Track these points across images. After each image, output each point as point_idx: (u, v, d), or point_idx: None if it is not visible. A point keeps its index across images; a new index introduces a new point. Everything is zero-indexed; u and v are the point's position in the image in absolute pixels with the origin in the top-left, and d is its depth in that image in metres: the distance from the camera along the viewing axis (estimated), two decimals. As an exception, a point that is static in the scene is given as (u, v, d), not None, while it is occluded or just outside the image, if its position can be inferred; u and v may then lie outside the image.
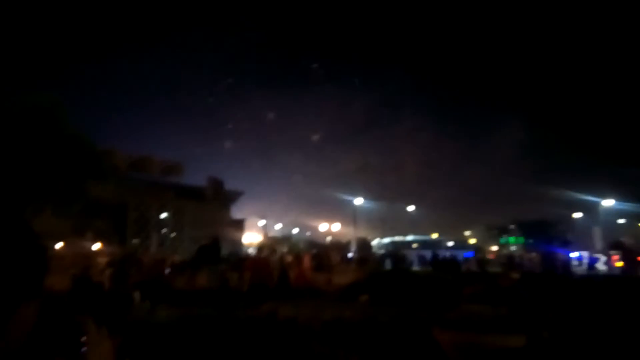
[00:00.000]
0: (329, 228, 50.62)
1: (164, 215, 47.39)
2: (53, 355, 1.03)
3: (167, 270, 15.05)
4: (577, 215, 41.11)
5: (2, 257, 0.86)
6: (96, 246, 34.81)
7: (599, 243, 36.14)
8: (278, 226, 53.53)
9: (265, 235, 47.38)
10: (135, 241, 44.67)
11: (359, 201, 42.42)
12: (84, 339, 1.08)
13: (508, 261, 25.98)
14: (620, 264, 22.25)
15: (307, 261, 12.51)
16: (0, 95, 17.45)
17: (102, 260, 19.24)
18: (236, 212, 52.39)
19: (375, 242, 46.06)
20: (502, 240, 42.73)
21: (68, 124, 17.50)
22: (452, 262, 22.42)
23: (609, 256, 26.68)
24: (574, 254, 28.56)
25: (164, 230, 47.38)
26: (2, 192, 15.58)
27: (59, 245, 27.02)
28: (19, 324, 0.88)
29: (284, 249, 34.86)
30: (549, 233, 34.97)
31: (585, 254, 30.02)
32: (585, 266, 26.31)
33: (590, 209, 38.90)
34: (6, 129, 16.04)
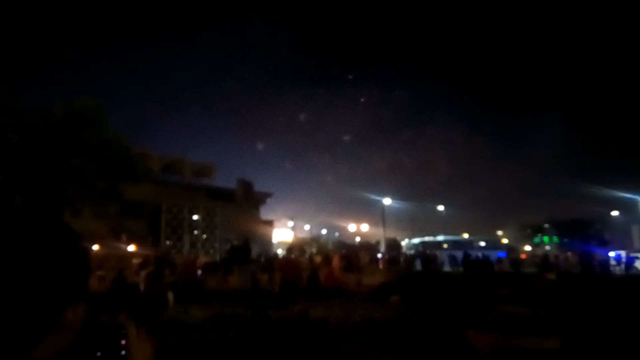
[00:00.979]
0: (358, 228, 50.44)
1: (196, 216, 48.21)
2: (95, 357, 1.03)
3: (199, 271, 15.31)
4: (615, 213, 39.72)
5: (48, 260, 0.88)
6: (131, 248, 35.69)
7: (637, 242, 34.82)
8: (307, 227, 53.69)
9: (295, 236, 47.63)
10: (168, 242, 45.62)
11: (388, 201, 42.15)
12: (124, 341, 1.09)
13: (543, 261, 25.28)
14: None
15: (336, 262, 12.51)
16: (45, 99, 18.24)
17: (137, 261, 19.75)
18: (266, 213, 52.86)
19: (404, 243, 45.63)
20: (536, 239, 41.52)
21: (107, 127, 18.11)
22: (484, 263, 21.97)
23: None
24: (611, 254, 27.54)
25: (196, 232, 48.20)
26: (45, 194, 16.23)
27: (96, 246, 27.85)
28: (67, 327, 0.89)
29: (313, 249, 34.94)
30: (585, 232, 33.81)
31: (623, 253, 28.93)
32: (623, 266, 25.33)
33: (628, 207, 37.51)
34: (51, 132, 16.71)
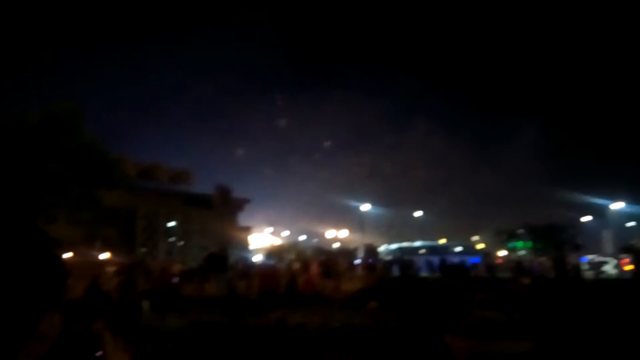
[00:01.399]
0: (336, 235, 50.53)
1: (172, 223, 47.54)
2: None
3: (175, 279, 15.08)
4: (587, 218, 40.78)
5: (24, 267, 0.86)
6: (105, 255, 34.95)
7: (609, 246, 35.76)
8: (285, 233, 53.49)
9: (273, 242, 47.39)
10: (143, 249, 44.83)
11: (366, 207, 42.37)
12: (101, 351, 1.07)
13: (517, 266, 25.72)
14: (630, 267, 21.96)
15: (314, 268, 12.51)
16: (21, 104, 17.76)
17: (111, 269, 19.34)
18: (243, 220, 52.44)
19: (382, 248, 45.88)
20: (511, 245, 42.24)
21: (84, 132, 17.72)
22: (461, 268, 22.24)
23: (619, 260, 26.35)
24: (584, 258, 28.21)
25: (172, 238, 47.51)
26: (20, 200, 15.77)
27: (69, 253, 27.18)
28: (43, 337, 0.87)
29: (292, 256, 34.81)
30: (558, 237, 34.58)
31: (595, 257, 29.67)
32: (594, 270, 25.96)
33: (599, 212, 38.58)
34: (26, 136, 16.26)
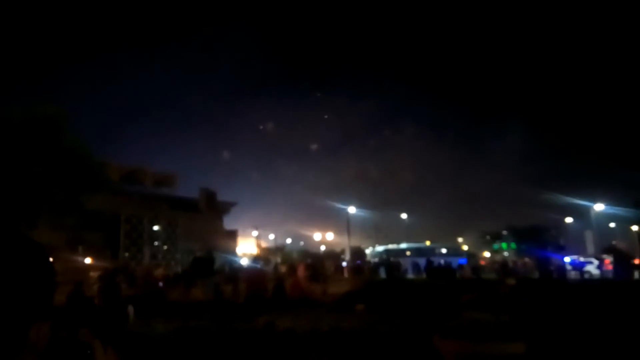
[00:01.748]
0: (323, 237, 50.51)
1: (156, 227, 47.02)
2: None
3: (160, 283, 14.91)
4: (569, 219, 41.41)
5: (13, 275, 0.83)
6: (88, 260, 34.41)
7: (591, 247, 36.32)
8: (271, 236, 53.30)
9: (259, 246, 47.21)
10: (127, 254, 44.25)
11: (352, 210, 42.43)
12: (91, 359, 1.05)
13: (502, 267, 26.01)
14: (611, 267, 22.35)
15: (301, 271, 12.44)
16: (2, 106, 17.34)
17: (95, 274, 19.04)
18: (229, 223, 52.06)
19: (369, 251, 45.99)
20: (495, 246, 42.76)
21: (68, 135, 17.39)
22: (447, 270, 22.41)
23: (601, 260, 26.81)
24: (567, 259, 28.64)
25: (157, 243, 46.99)
26: (4, 205, 15.40)
27: (51, 259, 26.60)
28: (33, 346, 0.85)
29: (278, 259, 34.69)
30: (541, 238, 35.05)
31: (578, 258, 30.13)
32: (578, 271, 26.39)
33: (581, 213, 39.19)
34: (7, 139, 15.88)
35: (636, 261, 20.07)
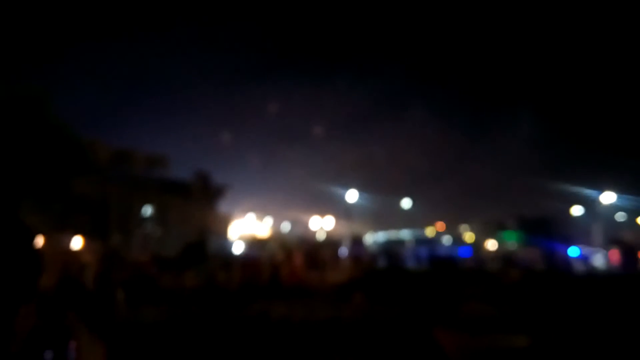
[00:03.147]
0: (321, 223, 50.22)
1: (147, 210, 46.62)
2: (44, 358, 1.02)
3: (152, 269, 14.68)
4: (577, 210, 41.09)
5: (4, 259, 0.86)
6: (77, 244, 34.05)
7: (598, 238, 36.12)
8: (268, 221, 53.05)
9: (255, 232, 47.01)
10: (117, 238, 43.91)
11: (353, 196, 41.89)
12: (74, 343, 1.08)
13: (507, 258, 25.74)
14: (617, 259, 22.23)
15: (298, 258, 12.28)
16: None
17: (84, 258, 18.76)
18: (223, 207, 51.67)
19: (369, 238, 45.82)
20: (500, 236, 42.59)
21: (54, 115, 16.87)
22: (450, 260, 22.28)
23: (607, 252, 26.67)
24: (573, 250, 28.34)
25: (148, 227, 46.65)
26: None
27: (39, 242, 26.25)
28: (20, 326, 0.88)
29: (274, 245, 34.50)
30: (547, 228, 34.85)
31: (585, 250, 29.97)
32: (584, 263, 26.11)
33: (589, 204, 38.89)
34: None
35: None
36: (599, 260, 26.85)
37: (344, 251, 32.32)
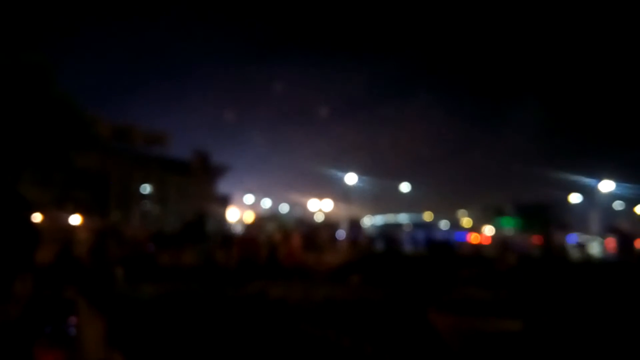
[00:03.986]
0: (320, 205, 50.32)
1: (147, 188, 46.66)
2: (44, 332, 1.04)
3: (150, 246, 14.74)
4: (575, 197, 41.16)
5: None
6: (76, 219, 34.13)
7: (595, 226, 36.25)
8: (266, 202, 53.16)
9: (253, 212, 47.10)
10: (117, 214, 44.04)
11: (352, 179, 41.93)
12: (75, 317, 1.09)
13: (503, 244, 25.89)
14: (614, 247, 22.34)
15: (296, 239, 12.32)
16: None
17: (83, 234, 18.84)
18: (223, 187, 51.72)
19: (367, 221, 45.96)
20: (498, 221, 42.71)
21: (56, 86, 16.55)
22: (446, 244, 22.43)
23: (604, 240, 26.84)
24: (570, 237, 28.56)
25: (147, 204, 46.75)
26: None
27: (38, 216, 26.28)
28: (16, 298, 0.89)
29: (273, 226, 34.59)
30: (545, 215, 34.96)
31: (580, 236, 30.14)
32: (580, 249, 26.30)
33: (587, 191, 38.94)
34: None
35: (639, 242, 20.08)
36: (595, 248, 27.03)
37: (341, 234, 32.49)
